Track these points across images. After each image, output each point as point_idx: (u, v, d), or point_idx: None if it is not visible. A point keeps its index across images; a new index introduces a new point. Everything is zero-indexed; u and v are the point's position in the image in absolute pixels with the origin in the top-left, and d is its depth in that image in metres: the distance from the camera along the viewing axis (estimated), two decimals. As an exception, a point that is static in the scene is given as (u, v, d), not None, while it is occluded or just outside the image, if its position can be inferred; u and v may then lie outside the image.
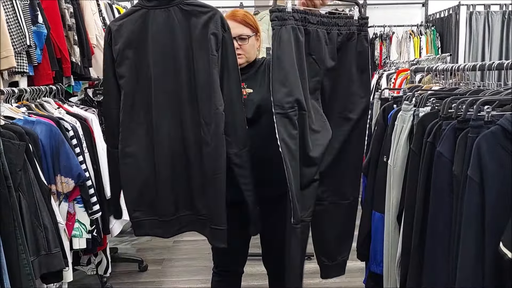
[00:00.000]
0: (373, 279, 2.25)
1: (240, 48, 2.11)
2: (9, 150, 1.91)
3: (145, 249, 4.12)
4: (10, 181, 1.87)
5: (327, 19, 1.90)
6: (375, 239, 2.19)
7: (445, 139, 1.57)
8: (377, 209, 2.16)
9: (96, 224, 2.69)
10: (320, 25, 1.89)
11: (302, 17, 1.82)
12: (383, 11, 7.16)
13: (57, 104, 2.79)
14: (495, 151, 1.37)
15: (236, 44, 2.08)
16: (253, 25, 2.21)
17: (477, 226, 1.40)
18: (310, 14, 1.85)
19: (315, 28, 1.87)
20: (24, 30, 2.65)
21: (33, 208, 2.03)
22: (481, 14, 6.38)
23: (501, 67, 1.86)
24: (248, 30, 2.16)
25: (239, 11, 2.26)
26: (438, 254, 1.61)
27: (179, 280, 3.50)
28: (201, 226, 2.09)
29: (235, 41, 2.08)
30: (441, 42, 6.80)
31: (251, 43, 2.17)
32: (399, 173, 1.91)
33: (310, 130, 1.80)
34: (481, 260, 1.40)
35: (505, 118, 1.39)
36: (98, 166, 2.81)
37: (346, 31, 1.97)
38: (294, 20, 1.78)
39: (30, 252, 1.96)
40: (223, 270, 2.44)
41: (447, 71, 2.35)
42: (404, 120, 1.91)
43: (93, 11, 3.55)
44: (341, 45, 1.95)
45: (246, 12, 2.28)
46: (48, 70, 2.89)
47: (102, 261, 3.09)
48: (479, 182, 1.39)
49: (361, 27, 2.01)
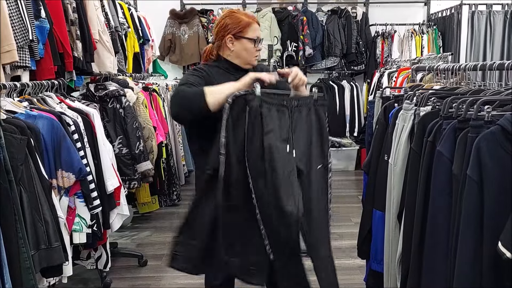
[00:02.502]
0: (374, 277, 2.26)
1: (259, 50, 2.21)
2: (11, 144, 1.92)
3: (145, 244, 4.13)
4: (12, 175, 1.88)
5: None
6: (375, 237, 2.20)
7: (445, 139, 1.58)
8: (377, 208, 2.17)
9: (96, 219, 2.70)
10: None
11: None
12: (385, 10, 7.16)
13: (59, 98, 2.79)
14: (495, 151, 1.38)
15: (258, 47, 2.19)
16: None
17: (476, 225, 1.41)
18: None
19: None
20: (26, 24, 2.65)
21: (34, 202, 2.04)
22: (483, 14, 6.37)
23: (502, 67, 1.86)
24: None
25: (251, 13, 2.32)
26: (438, 252, 1.62)
27: (178, 275, 3.50)
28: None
29: (258, 43, 2.19)
30: (442, 41, 6.80)
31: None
32: (400, 172, 1.92)
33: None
34: (479, 259, 1.40)
35: (505, 118, 1.39)
36: (99, 161, 2.82)
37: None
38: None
39: (30, 246, 1.97)
40: None
41: (448, 70, 2.35)
42: (405, 119, 1.92)
43: (95, 6, 3.55)
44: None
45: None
46: (50, 64, 2.89)
47: (102, 256, 3.10)
48: (479, 182, 1.40)
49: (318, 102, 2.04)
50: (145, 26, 5.26)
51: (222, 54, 2.22)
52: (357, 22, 6.92)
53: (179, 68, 7.33)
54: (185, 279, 3.43)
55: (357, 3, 7.15)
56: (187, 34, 6.94)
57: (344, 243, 4.00)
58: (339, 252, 3.81)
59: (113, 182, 2.88)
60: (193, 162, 2.19)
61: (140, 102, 3.84)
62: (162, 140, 4.22)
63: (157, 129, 4.07)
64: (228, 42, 2.17)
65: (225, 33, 2.17)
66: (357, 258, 2.61)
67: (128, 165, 3.46)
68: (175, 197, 5.07)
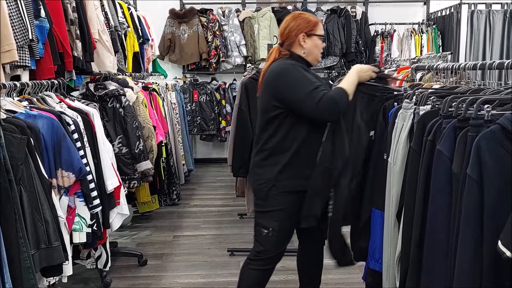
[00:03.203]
0: (372, 275, 2.26)
1: (323, 47, 2.52)
2: (11, 144, 1.92)
3: (145, 243, 4.14)
4: (12, 174, 1.88)
5: None
6: (374, 236, 2.20)
7: (445, 138, 1.58)
8: (376, 207, 2.17)
9: (96, 218, 2.70)
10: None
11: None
12: (385, 9, 7.16)
13: (59, 98, 2.80)
14: (495, 150, 1.38)
15: (323, 44, 2.49)
16: None
17: (476, 224, 1.41)
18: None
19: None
20: (26, 24, 2.65)
21: (34, 201, 2.04)
22: (483, 13, 6.38)
23: (501, 67, 1.86)
24: None
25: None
26: (438, 251, 1.62)
27: (178, 274, 3.51)
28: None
29: (323, 41, 2.49)
30: (442, 40, 6.80)
31: None
32: (399, 171, 1.92)
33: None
34: (479, 258, 1.40)
35: (505, 117, 1.39)
36: (99, 160, 2.82)
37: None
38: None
39: (30, 246, 1.97)
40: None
41: (447, 69, 2.35)
42: (405, 118, 1.92)
43: (95, 6, 3.55)
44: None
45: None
46: (50, 64, 2.89)
47: (102, 255, 3.10)
48: (478, 181, 1.40)
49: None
50: (144, 26, 5.26)
51: (297, 52, 2.43)
52: (357, 22, 6.92)
53: (179, 68, 7.33)
54: (185, 278, 3.44)
55: (357, 3, 7.16)
56: (187, 34, 6.94)
57: (344, 242, 4.00)
58: (339, 251, 3.81)
59: (113, 182, 2.88)
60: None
61: (140, 101, 3.84)
62: (162, 140, 4.23)
63: (157, 128, 4.07)
64: (301, 40, 2.40)
65: (298, 32, 2.40)
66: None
67: (128, 164, 3.47)
68: (175, 197, 5.08)
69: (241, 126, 3.76)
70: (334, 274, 3.39)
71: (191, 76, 7.25)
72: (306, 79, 2.29)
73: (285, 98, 2.30)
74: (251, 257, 2.52)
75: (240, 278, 2.55)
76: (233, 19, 6.97)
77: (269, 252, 2.46)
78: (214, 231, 4.42)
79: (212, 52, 6.93)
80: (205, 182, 6.38)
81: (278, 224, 2.41)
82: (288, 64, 2.36)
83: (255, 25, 6.96)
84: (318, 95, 2.22)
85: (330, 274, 3.36)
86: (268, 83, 2.37)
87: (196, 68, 7.17)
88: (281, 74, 2.33)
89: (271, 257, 2.48)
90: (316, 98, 2.22)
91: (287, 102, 2.30)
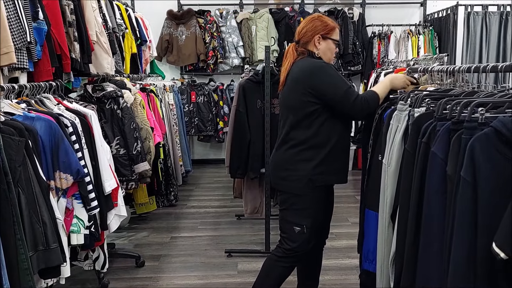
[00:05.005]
0: (366, 275, 2.28)
1: (337, 52, 2.65)
2: (9, 146, 1.93)
3: (143, 245, 4.14)
4: (10, 176, 1.89)
5: None
6: (368, 238, 2.21)
7: (439, 140, 1.59)
8: (370, 208, 2.18)
9: (94, 220, 2.71)
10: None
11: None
12: (382, 10, 7.18)
13: (57, 100, 2.80)
14: (488, 153, 1.39)
15: (337, 49, 2.59)
16: None
17: (470, 226, 1.42)
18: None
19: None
20: (24, 26, 2.66)
21: (32, 203, 2.05)
22: (479, 15, 6.40)
23: (495, 70, 1.87)
24: None
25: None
26: (432, 253, 1.63)
27: (176, 276, 3.52)
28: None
29: (336, 46, 2.57)
30: (439, 42, 6.83)
31: None
32: (394, 172, 1.94)
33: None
34: (473, 259, 1.42)
35: (499, 120, 1.40)
36: (97, 162, 2.83)
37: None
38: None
39: (28, 247, 1.98)
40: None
41: (442, 72, 2.37)
42: (399, 120, 1.94)
43: (93, 8, 3.55)
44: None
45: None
46: (48, 66, 2.89)
47: (100, 257, 3.11)
48: (472, 183, 1.41)
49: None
50: (142, 27, 5.26)
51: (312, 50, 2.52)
52: (354, 23, 6.93)
53: (177, 69, 7.34)
54: (182, 279, 3.45)
55: (354, 4, 7.17)
56: (185, 35, 6.95)
57: (341, 243, 4.02)
58: (336, 252, 3.83)
59: (110, 183, 2.89)
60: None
61: (138, 103, 3.85)
62: (160, 141, 4.24)
63: (155, 129, 4.08)
64: (316, 41, 2.49)
65: (315, 32, 2.49)
66: (354, 258, 2.64)
67: (125, 165, 3.48)
68: (172, 198, 5.09)
69: (238, 127, 3.78)
70: (331, 275, 3.41)
71: (188, 77, 7.26)
72: (342, 78, 2.42)
73: (325, 94, 2.37)
74: (280, 255, 2.55)
75: (267, 275, 2.59)
76: (231, 20, 6.99)
77: (301, 249, 2.51)
78: (211, 232, 4.43)
79: (209, 53, 6.94)
80: (203, 183, 6.39)
81: (311, 221, 2.47)
82: (320, 62, 2.46)
83: (252, 26, 6.98)
84: (353, 95, 2.35)
85: (327, 275, 3.37)
86: (301, 80, 2.42)
87: (194, 69, 7.18)
88: (317, 71, 2.40)
89: (302, 254, 2.54)
90: (352, 98, 2.34)
91: (327, 98, 2.38)
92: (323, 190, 2.50)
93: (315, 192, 2.45)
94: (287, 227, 2.51)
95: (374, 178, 2.12)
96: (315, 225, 2.51)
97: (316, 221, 2.51)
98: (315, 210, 2.49)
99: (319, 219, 2.54)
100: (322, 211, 2.54)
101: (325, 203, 2.56)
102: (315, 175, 2.42)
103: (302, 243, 2.49)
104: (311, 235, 2.50)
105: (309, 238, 2.50)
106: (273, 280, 2.58)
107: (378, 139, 2.14)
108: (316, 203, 2.48)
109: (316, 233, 2.55)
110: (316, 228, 2.53)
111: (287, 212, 2.52)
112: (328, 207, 2.65)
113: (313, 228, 2.49)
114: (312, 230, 2.50)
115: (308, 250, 2.55)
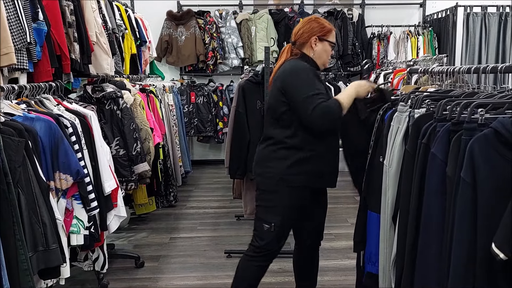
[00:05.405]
0: (369, 277, 2.27)
1: (333, 54, 2.57)
2: (9, 147, 1.93)
3: (142, 245, 4.14)
4: (9, 177, 1.89)
5: None
6: (370, 239, 2.21)
7: (439, 141, 1.60)
8: (372, 209, 2.18)
9: (93, 221, 2.71)
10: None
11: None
12: (381, 11, 7.19)
13: (57, 101, 2.80)
14: (488, 154, 1.40)
15: (332, 51, 2.58)
16: None
17: (469, 227, 1.42)
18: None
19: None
20: (24, 27, 2.66)
21: (32, 204, 2.05)
22: (478, 16, 6.41)
23: (495, 71, 1.88)
24: None
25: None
26: (432, 253, 1.64)
27: (175, 276, 3.52)
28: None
29: (332, 48, 2.56)
30: (438, 43, 6.83)
31: None
32: (395, 174, 1.94)
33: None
34: (473, 260, 1.42)
35: (498, 121, 1.41)
36: (97, 162, 2.83)
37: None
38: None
39: (28, 248, 1.98)
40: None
41: (442, 73, 2.37)
42: (400, 121, 1.94)
43: (93, 8, 3.56)
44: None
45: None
46: (48, 67, 2.89)
47: (99, 257, 3.11)
48: (472, 184, 1.41)
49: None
50: (142, 28, 5.27)
51: (307, 53, 2.50)
52: (353, 24, 6.94)
53: (176, 69, 7.34)
54: (181, 280, 3.45)
55: (353, 5, 7.18)
56: (184, 36, 6.95)
57: (340, 244, 4.02)
58: (335, 252, 3.84)
59: (110, 184, 2.89)
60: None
61: (137, 103, 3.85)
62: (159, 142, 4.24)
63: (154, 130, 4.08)
64: (313, 42, 2.48)
65: (311, 34, 2.48)
66: (353, 258, 2.63)
67: (125, 166, 3.48)
68: (172, 198, 5.08)
69: (238, 128, 3.78)
70: (330, 276, 3.41)
71: (188, 78, 7.26)
72: (311, 83, 2.33)
73: (290, 96, 2.35)
74: (251, 254, 2.54)
75: (242, 275, 2.58)
76: (230, 21, 6.99)
77: (270, 247, 2.49)
78: (211, 233, 4.43)
79: (209, 54, 6.94)
80: (202, 184, 6.39)
81: (280, 219, 2.45)
82: (301, 64, 2.43)
83: (252, 27, 6.98)
84: (315, 102, 2.25)
85: (326, 276, 3.37)
86: (279, 79, 2.42)
87: (193, 70, 7.18)
88: (291, 72, 2.39)
89: (273, 253, 2.52)
90: (312, 105, 2.25)
91: (290, 101, 2.36)
92: (302, 190, 2.45)
93: (292, 191, 2.42)
94: (257, 224, 2.50)
95: (375, 179, 2.12)
96: (286, 225, 2.48)
97: (288, 221, 2.48)
98: (287, 209, 2.45)
99: (292, 219, 2.51)
100: (296, 211, 2.49)
101: (304, 204, 2.50)
102: (288, 175, 2.40)
103: (271, 242, 2.47)
104: (280, 234, 2.47)
105: (277, 237, 2.47)
106: (248, 280, 2.56)
107: (379, 140, 2.14)
108: (289, 203, 2.44)
109: (286, 235, 2.52)
110: (287, 228, 2.51)
111: (259, 208, 2.51)
112: (314, 209, 2.61)
113: (283, 227, 2.47)
114: (282, 229, 2.47)
115: (278, 249, 2.52)
